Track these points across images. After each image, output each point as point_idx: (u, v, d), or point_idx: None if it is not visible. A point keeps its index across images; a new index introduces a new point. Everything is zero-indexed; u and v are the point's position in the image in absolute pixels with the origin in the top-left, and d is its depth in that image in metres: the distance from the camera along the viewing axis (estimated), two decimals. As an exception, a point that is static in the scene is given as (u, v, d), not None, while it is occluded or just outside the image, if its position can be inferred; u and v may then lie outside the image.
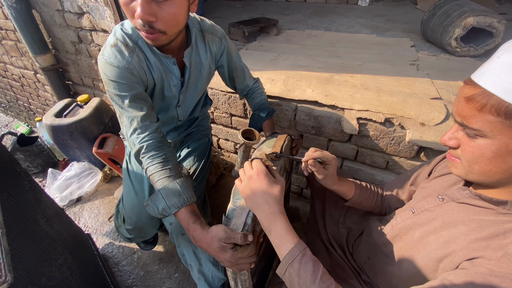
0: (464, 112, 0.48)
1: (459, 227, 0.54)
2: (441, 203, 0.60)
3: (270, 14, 2.76)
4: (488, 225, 0.50)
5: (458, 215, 0.55)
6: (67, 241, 1.04)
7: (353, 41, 2.02)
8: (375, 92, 1.25)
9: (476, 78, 0.47)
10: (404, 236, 0.65)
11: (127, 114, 0.77)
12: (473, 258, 0.48)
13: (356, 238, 0.94)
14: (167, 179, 0.73)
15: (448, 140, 0.53)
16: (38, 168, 2.23)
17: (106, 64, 0.75)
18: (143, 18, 0.62)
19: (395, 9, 2.90)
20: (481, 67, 0.48)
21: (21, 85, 2.79)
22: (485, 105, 0.44)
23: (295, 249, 0.56)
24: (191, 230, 0.68)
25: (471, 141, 0.48)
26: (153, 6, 0.62)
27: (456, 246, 0.52)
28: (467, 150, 0.49)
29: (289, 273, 0.55)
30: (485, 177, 0.50)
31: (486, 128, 0.45)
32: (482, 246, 0.48)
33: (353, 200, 0.87)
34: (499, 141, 0.44)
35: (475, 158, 0.48)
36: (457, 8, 1.69)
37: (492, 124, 0.44)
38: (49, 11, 1.82)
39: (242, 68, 1.05)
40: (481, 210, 0.53)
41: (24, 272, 0.61)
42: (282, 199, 0.63)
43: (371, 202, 0.88)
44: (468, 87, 0.48)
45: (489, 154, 0.46)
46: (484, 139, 0.46)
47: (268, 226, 0.60)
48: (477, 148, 0.47)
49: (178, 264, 1.41)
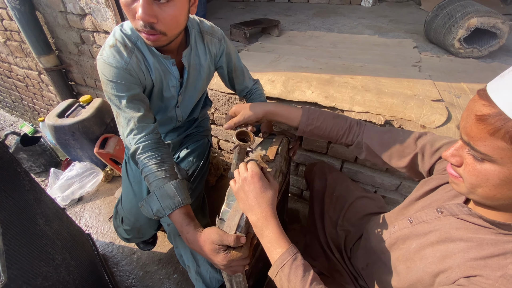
0: (473, 132, 0.42)
1: (457, 243, 0.52)
2: (440, 216, 0.58)
3: (272, 15, 2.76)
4: (488, 244, 0.47)
5: (457, 231, 0.53)
6: (66, 241, 1.04)
7: (355, 42, 2.01)
8: (375, 93, 1.24)
9: (493, 92, 0.40)
10: (401, 246, 0.63)
11: (124, 115, 0.77)
12: (471, 276, 0.46)
13: (354, 241, 0.93)
14: (162, 180, 0.73)
15: (451, 157, 0.48)
16: (40, 167, 2.25)
17: (104, 64, 0.75)
18: (144, 19, 0.63)
19: (398, 10, 2.88)
20: (501, 77, 0.41)
21: (26, 86, 2.82)
22: (499, 129, 0.38)
23: (286, 254, 0.56)
24: (185, 232, 0.68)
25: (476, 164, 0.43)
26: (155, 7, 0.63)
27: (453, 262, 0.50)
28: (471, 172, 0.45)
29: (279, 278, 0.55)
30: (487, 200, 0.46)
31: (495, 154, 0.40)
32: (481, 265, 0.46)
33: (303, 129, 0.80)
34: (508, 170, 0.40)
35: (479, 183, 0.44)
36: (461, 9, 1.67)
37: (503, 151, 0.39)
38: (52, 12, 1.84)
39: (242, 69, 1.04)
40: (480, 228, 0.50)
41: (20, 272, 0.61)
42: (275, 203, 0.63)
43: (333, 134, 0.80)
44: (481, 102, 0.41)
45: (495, 180, 0.42)
46: (492, 165, 0.41)
47: (260, 229, 0.60)
48: (483, 172, 0.43)
49: (177, 265, 1.41)
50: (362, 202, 0.99)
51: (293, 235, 1.51)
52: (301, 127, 0.81)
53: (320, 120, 0.80)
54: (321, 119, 0.80)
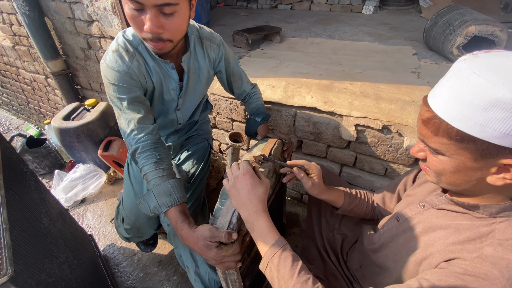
0: (423, 132, 0.50)
1: (438, 231, 0.56)
2: (422, 210, 0.62)
3: (274, 22, 2.81)
4: (465, 229, 0.52)
5: (437, 220, 0.57)
6: (69, 241, 1.07)
7: (355, 49, 2.04)
8: (374, 99, 1.26)
9: (430, 99, 0.49)
10: (390, 244, 0.66)
11: (125, 116, 0.81)
12: (450, 259, 0.50)
13: (351, 245, 0.95)
14: (160, 178, 0.76)
15: (417, 153, 0.56)
16: (45, 169, 2.29)
17: (107, 68, 0.79)
18: (153, 31, 0.67)
19: (399, 18, 2.91)
20: (437, 85, 0.50)
21: (32, 89, 2.88)
22: (438, 129, 0.47)
23: (276, 245, 0.58)
24: (179, 229, 0.71)
25: (434, 156, 0.51)
26: (161, 19, 0.67)
27: (434, 248, 0.54)
28: (431, 163, 0.53)
29: (269, 268, 0.58)
30: (452, 186, 0.53)
31: (443, 149, 0.48)
32: (458, 248, 0.50)
33: (343, 208, 0.89)
34: (457, 159, 0.47)
35: (440, 171, 0.51)
36: (459, 17, 1.70)
37: (447, 146, 0.47)
38: (61, 18, 1.90)
39: (240, 74, 1.08)
40: (458, 215, 0.55)
41: (25, 266, 0.64)
42: (265, 199, 0.65)
43: (362, 209, 0.90)
44: (424, 108, 0.50)
45: (450, 169, 0.49)
46: (443, 157, 0.49)
47: (251, 224, 0.62)
48: (439, 162, 0.50)
49: (177, 267, 1.42)
50: None
51: (293, 239, 1.52)
52: (345, 205, 0.89)
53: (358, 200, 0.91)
54: (355, 203, 0.90)
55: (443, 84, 0.47)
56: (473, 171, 0.47)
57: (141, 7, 0.64)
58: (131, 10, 0.66)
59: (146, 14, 0.65)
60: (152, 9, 0.64)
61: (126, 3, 0.65)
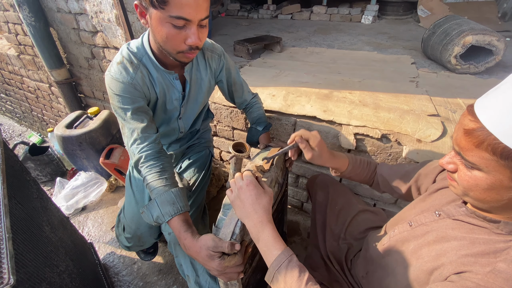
0: (462, 143, 0.47)
1: (452, 242, 0.54)
2: (437, 219, 0.61)
3: (275, 32, 2.86)
4: (480, 242, 0.50)
5: (452, 231, 0.56)
6: (70, 249, 1.07)
7: (355, 58, 2.07)
8: (373, 108, 1.28)
9: (479, 110, 0.45)
10: (400, 248, 0.65)
11: (128, 126, 0.82)
12: (461, 272, 0.49)
13: (355, 253, 0.94)
14: (163, 188, 0.77)
15: (447, 164, 0.53)
16: (47, 177, 2.30)
17: (112, 79, 0.81)
18: (198, 44, 0.74)
19: (398, 27, 2.96)
20: (486, 95, 0.46)
21: (36, 97, 2.92)
22: (483, 142, 0.43)
23: (282, 255, 0.58)
24: (182, 238, 0.71)
25: (467, 171, 0.49)
26: (200, 32, 0.74)
27: (445, 259, 0.53)
28: (463, 178, 0.50)
29: (276, 279, 0.57)
30: (479, 203, 0.50)
31: (481, 164, 0.45)
32: (471, 261, 0.49)
33: (344, 174, 0.92)
34: (494, 177, 0.45)
35: (470, 187, 0.49)
36: (456, 27, 1.73)
37: (487, 161, 0.44)
38: (66, 29, 1.94)
39: (241, 83, 1.10)
40: (475, 228, 0.53)
41: (26, 276, 0.64)
42: (270, 209, 0.65)
43: (361, 177, 0.94)
44: (469, 118, 0.47)
45: (483, 186, 0.47)
46: (480, 172, 0.46)
47: (256, 234, 0.62)
48: (473, 178, 0.48)
49: (177, 276, 1.42)
50: (364, 216, 1.01)
51: (293, 247, 1.52)
52: (346, 173, 0.92)
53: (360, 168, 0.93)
54: (358, 171, 0.92)
55: (497, 95, 0.44)
56: (508, 191, 0.44)
57: (186, 23, 0.69)
58: (173, 29, 0.70)
59: (189, 29, 0.71)
60: (196, 24, 0.71)
61: (167, 22, 0.69)
